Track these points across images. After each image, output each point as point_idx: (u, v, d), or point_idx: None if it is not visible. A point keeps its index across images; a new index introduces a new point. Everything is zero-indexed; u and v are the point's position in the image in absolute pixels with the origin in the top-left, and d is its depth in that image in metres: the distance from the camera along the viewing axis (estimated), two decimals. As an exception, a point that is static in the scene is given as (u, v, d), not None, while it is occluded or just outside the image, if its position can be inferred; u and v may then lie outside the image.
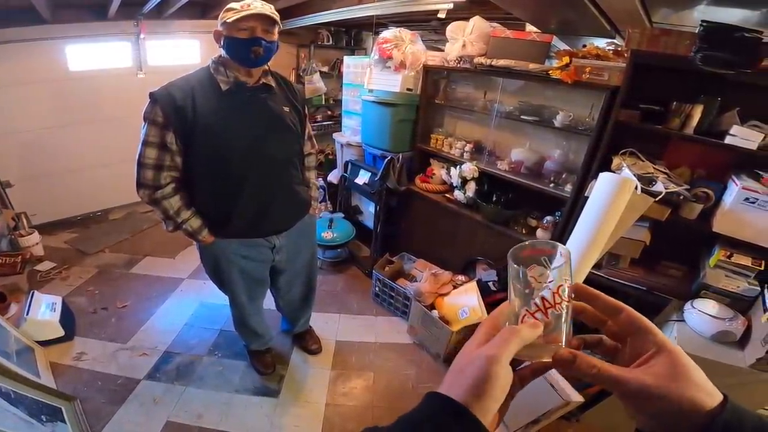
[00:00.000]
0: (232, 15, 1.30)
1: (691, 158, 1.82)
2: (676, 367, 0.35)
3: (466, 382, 0.36)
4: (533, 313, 0.39)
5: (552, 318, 0.39)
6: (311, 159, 1.82)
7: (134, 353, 2.21)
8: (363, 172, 2.96)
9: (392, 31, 2.63)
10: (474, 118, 2.65)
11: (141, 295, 2.70)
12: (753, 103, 1.61)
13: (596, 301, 0.43)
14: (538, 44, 2.14)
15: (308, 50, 4.43)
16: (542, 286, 0.39)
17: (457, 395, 0.35)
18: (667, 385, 0.34)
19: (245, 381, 2.11)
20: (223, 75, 1.40)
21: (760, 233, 1.55)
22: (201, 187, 1.51)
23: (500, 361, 0.36)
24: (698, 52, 1.44)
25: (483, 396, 0.35)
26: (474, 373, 0.36)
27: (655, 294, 1.85)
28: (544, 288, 0.39)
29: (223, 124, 1.40)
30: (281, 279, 1.93)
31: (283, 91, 1.57)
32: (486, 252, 2.48)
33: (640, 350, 0.38)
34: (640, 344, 0.38)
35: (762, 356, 1.39)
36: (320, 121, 4.63)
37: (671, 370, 0.35)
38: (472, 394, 0.35)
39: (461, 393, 0.35)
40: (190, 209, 1.51)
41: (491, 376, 0.35)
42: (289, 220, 1.71)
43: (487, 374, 0.35)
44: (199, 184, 1.50)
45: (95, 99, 3.42)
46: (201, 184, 1.50)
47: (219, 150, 1.42)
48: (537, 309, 0.39)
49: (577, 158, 2.08)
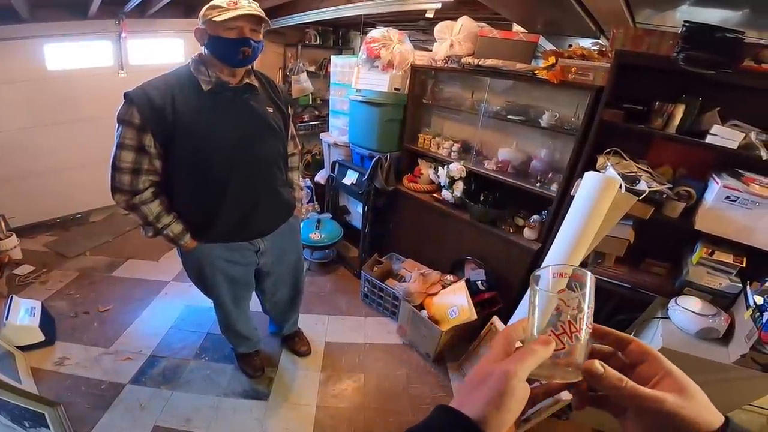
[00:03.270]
0: (218, 13, 1.25)
1: (673, 157, 1.84)
2: (685, 390, 0.37)
3: (484, 395, 0.37)
4: (558, 335, 0.40)
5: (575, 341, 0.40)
6: (294, 159, 1.79)
7: (118, 357, 2.17)
8: (350, 172, 2.94)
9: (380, 30, 2.62)
10: (461, 117, 2.65)
11: (124, 298, 2.65)
12: (733, 102, 1.64)
13: (608, 336, 0.45)
14: (525, 44, 2.15)
15: (295, 50, 4.40)
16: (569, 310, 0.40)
17: (474, 408, 0.36)
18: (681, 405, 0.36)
19: (234, 384, 2.08)
20: (205, 75, 1.35)
21: (741, 231, 1.57)
22: (182, 191, 1.46)
23: (518, 375, 0.37)
24: (681, 52, 1.46)
25: (501, 409, 0.35)
26: (492, 386, 0.37)
27: (639, 291, 1.88)
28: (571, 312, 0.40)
29: (205, 126, 1.35)
30: (267, 282, 1.90)
31: (266, 90, 1.54)
32: (474, 251, 2.48)
33: (647, 376, 0.40)
34: (647, 371, 0.41)
35: (745, 353, 1.40)
36: (307, 121, 4.60)
37: (681, 392, 0.37)
38: (490, 406, 0.36)
39: (478, 406, 0.36)
40: (170, 214, 1.47)
41: (509, 389, 0.36)
42: (274, 222, 1.69)
43: (505, 388, 0.36)
44: (180, 188, 1.46)
45: (75, 99, 3.34)
46: (182, 188, 1.46)
47: (201, 152, 1.38)
48: (563, 332, 0.40)
49: (563, 158, 2.10)
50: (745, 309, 1.49)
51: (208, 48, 1.34)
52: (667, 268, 1.94)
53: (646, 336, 1.73)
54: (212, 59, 1.35)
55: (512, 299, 2.11)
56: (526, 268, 2.21)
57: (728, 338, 1.55)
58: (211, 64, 1.36)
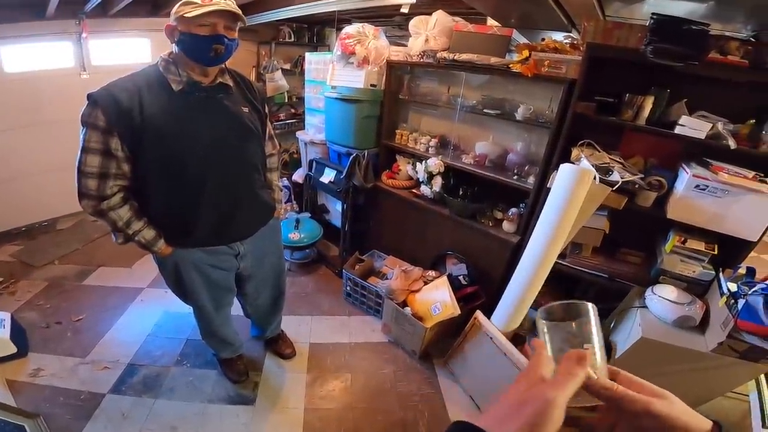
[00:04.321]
0: (191, 9, 1.19)
1: (644, 148, 1.88)
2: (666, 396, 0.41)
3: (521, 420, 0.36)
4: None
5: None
6: (273, 160, 1.74)
7: (95, 367, 2.11)
8: (328, 170, 2.91)
9: (355, 26, 2.59)
10: (438, 112, 2.65)
11: (97, 307, 2.56)
12: (700, 94, 1.68)
13: None
14: (499, 38, 2.16)
15: (269, 47, 4.31)
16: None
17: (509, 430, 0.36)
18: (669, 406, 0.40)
19: (218, 390, 2.04)
20: (175, 74, 1.29)
21: (711, 219, 1.61)
22: (155, 196, 1.40)
23: (560, 405, 0.37)
24: (649, 44, 1.49)
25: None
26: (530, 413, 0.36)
27: (617, 281, 1.91)
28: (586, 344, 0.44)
29: (177, 128, 1.30)
30: (248, 286, 1.85)
31: (241, 90, 1.48)
32: (455, 246, 2.49)
33: None
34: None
35: (722, 340, 1.43)
36: (284, 119, 4.53)
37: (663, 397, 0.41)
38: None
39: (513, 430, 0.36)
40: (141, 219, 1.41)
41: (548, 419, 0.36)
42: (253, 225, 1.64)
43: (546, 418, 0.36)
44: (153, 193, 1.40)
45: (35, 101, 3.19)
46: (154, 192, 1.40)
47: (173, 155, 1.32)
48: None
49: (539, 150, 2.12)
50: (719, 296, 1.53)
51: (179, 46, 1.27)
52: (642, 257, 1.99)
53: (626, 326, 1.76)
54: (183, 58, 1.29)
55: (494, 293, 2.12)
56: (506, 261, 2.23)
57: (704, 326, 1.59)
58: (183, 63, 1.30)
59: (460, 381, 2.20)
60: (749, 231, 1.58)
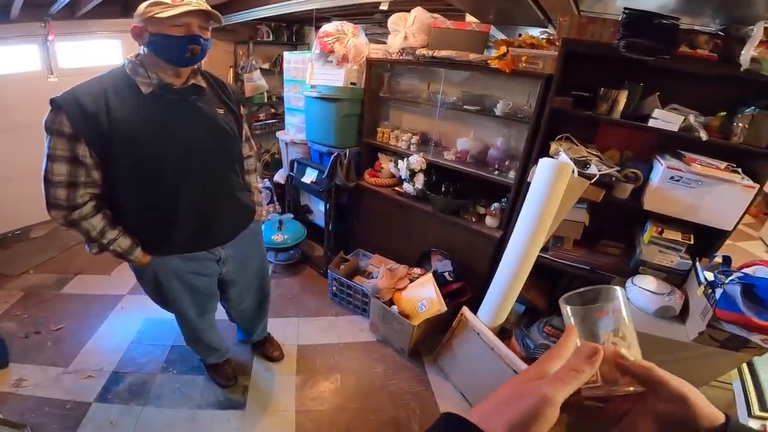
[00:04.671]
0: (163, 10, 1.15)
1: (619, 141, 1.92)
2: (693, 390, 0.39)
3: (512, 415, 0.34)
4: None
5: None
6: (251, 162, 1.71)
7: (79, 376, 2.06)
8: (310, 170, 2.88)
9: (333, 24, 2.56)
10: (419, 109, 2.65)
11: (77, 315, 2.50)
12: (672, 87, 1.72)
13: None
14: (477, 34, 2.17)
15: (247, 47, 4.24)
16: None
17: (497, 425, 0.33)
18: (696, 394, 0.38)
19: (207, 395, 2.01)
20: (144, 76, 1.25)
21: (686, 209, 1.65)
22: (129, 203, 1.36)
23: (555, 404, 0.34)
24: (622, 39, 1.51)
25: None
26: (522, 408, 0.34)
27: (598, 273, 1.94)
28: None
29: (150, 132, 1.25)
30: (232, 291, 1.82)
31: (215, 91, 1.44)
32: (439, 242, 2.50)
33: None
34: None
35: (703, 330, 1.44)
36: (264, 119, 4.46)
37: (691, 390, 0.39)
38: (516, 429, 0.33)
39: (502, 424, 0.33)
40: (116, 228, 1.36)
41: (542, 417, 0.34)
42: (234, 229, 1.61)
43: (539, 414, 0.34)
44: (127, 199, 1.35)
45: (3, 106, 3.07)
46: (129, 199, 1.35)
47: (147, 160, 1.28)
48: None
49: (519, 145, 2.14)
50: (697, 285, 1.56)
51: (151, 47, 1.22)
52: (621, 248, 2.03)
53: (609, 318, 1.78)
54: (154, 59, 1.24)
55: (480, 288, 2.13)
56: (490, 256, 2.25)
57: (685, 316, 1.61)
58: (153, 65, 1.25)
59: (450, 377, 2.21)
60: (723, 220, 1.62)
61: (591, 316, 0.42)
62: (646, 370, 0.39)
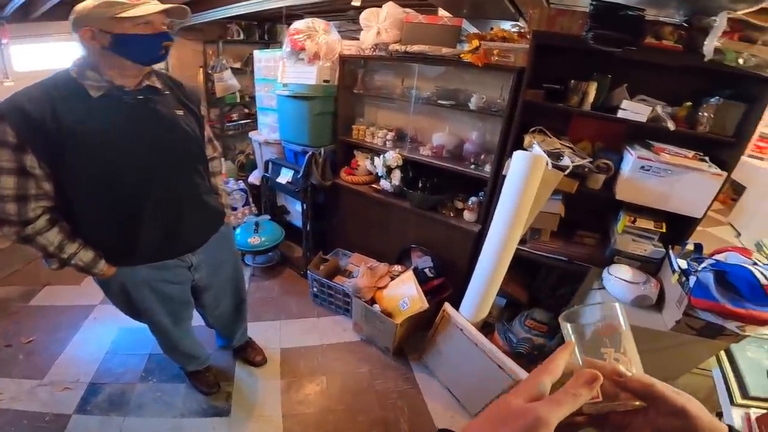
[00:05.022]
0: (123, 10, 1.10)
1: (591, 132, 1.94)
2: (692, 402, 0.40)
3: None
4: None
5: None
6: (216, 164, 1.65)
7: (55, 388, 2.00)
8: (285, 170, 2.83)
9: (304, 21, 2.51)
10: (394, 105, 2.63)
11: (48, 327, 2.41)
12: (639, 78, 1.74)
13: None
14: (450, 28, 2.15)
15: (216, 46, 4.13)
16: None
17: None
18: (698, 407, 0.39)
19: (190, 403, 1.97)
20: (93, 80, 1.18)
21: (657, 198, 1.68)
22: (88, 213, 1.29)
23: (550, 425, 0.34)
24: (590, 31, 1.52)
25: None
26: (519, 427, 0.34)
27: (575, 263, 1.96)
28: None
29: (103, 137, 1.19)
30: (206, 297, 1.77)
31: (173, 92, 1.38)
32: (419, 239, 2.49)
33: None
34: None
35: (679, 318, 1.46)
36: (237, 119, 4.36)
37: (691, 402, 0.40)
38: None
39: None
40: (75, 241, 1.29)
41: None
42: (203, 234, 1.56)
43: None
44: (85, 210, 1.28)
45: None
46: (87, 210, 1.28)
47: (103, 167, 1.21)
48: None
49: (494, 139, 2.14)
50: (671, 274, 1.57)
51: (115, 48, 1.15)
52: (597, 238, 2.06)
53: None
54: (116, 60, 1.18)
55: (461, 283, 2.13)
56: (469, 250, 2.25)
57: (661, 305, 1.63)
58: (110, 67, 1.19)
59: (436, 374, 2.21)
60: (693, 208, 1.66)
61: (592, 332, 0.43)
62: (646, 387, 0.39)
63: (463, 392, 2.06)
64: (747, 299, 1.30)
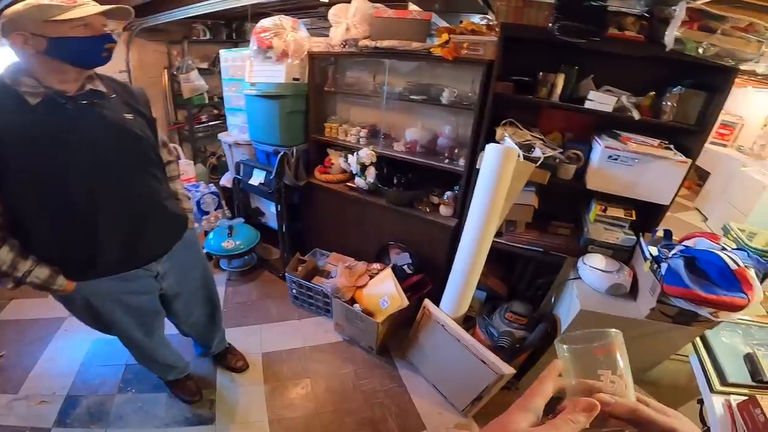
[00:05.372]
0: (60, 12, 1.04)
1: (560, 123, 1.96)
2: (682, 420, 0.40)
3: None
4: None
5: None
6: (173, 167, 1.59)
7: (31, 402, 1.95)
8: (257, 171, 2.76)
9: (271, 19, 2.44)
10: (366, 102, 2.60)
11: (17, 342, 2.32)
12: (605, 69, 1.77)
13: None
14: (419, 22, 2.13)
15: (181, 47, 3.99)
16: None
17: None
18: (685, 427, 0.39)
19: (173, 413, 1.93)
20: (30, 86, 1.10)
21: (625, 186, 1.71)
22: (39, 228, 1.22)
23: None
24: (555, 22, 1.53)
25: None
26: None
27: (551, 254, 1.98)
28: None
29: (45, 147, 1.12)
30: (177, 305, 1.71)
31: (119, 96, 1.31)
32: (396, 235, 2.47)
33: None
34: None
35: (654, 306, 1.47)
36: (206, 121, 4.23)
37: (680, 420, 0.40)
38: None
39: None
40: (29, 258, 1.22)
41: None
42: (166, 241, 1.50)
43: None
44: (36, 225, 1.21)
45: None
46: (36, 225, 1.21)
47: (48, 179, 1.15)
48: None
49: (466, 132, 2.13)
50: (643, 261, 1.60)
51: (53, 53, 1.09)
52: (571, 228, 2.08)
53: (565, 299, 1.82)
54: (55, 65, 1.11)
55: (440, 278, 2.13)
56: (447, 245, 2.25)
57: (635, 293, 1.65)
58: (44, 71, 1.12)
59: (421, 371, 2.21)
60: (660, 195, 1.69)
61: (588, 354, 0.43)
62: (631, 412, 0.40)
63: (449, 388, 2.07)
64: (717, 285, 1.32)
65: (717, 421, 1.27)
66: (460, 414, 2.00)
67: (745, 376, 1.39)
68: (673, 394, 1.95)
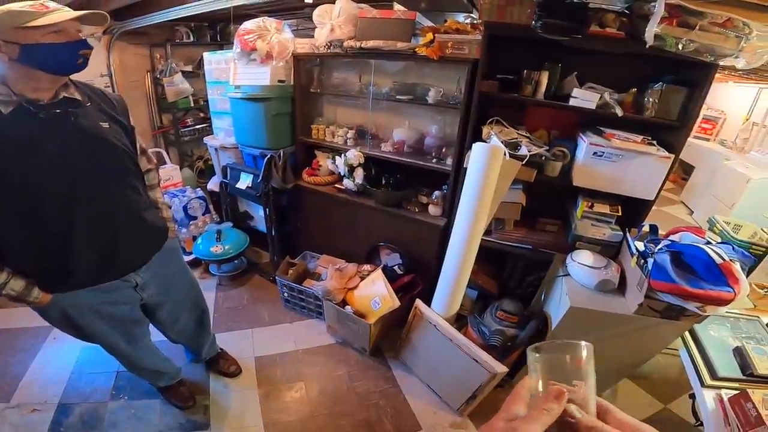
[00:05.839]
0: (33, 18, 1.01)
1: (546, 121, 1.98)
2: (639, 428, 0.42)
3: None
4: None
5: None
6: (152, 176, 1.56)
7: (24, 410, 1.94)
8: (244, 175, 2.73)
9: (254, 21, 2.42)
10: (353, 103, 2.59)
11: (5, 351, 2.29)
12: (588, 66, 1.78)
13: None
14: (404, 22, 2.13)
15: (164, 50, 3.93)
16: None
17: None
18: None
19: (167, 419, 1.92)
20: (2, 95, 1.08)
21: (610, 182, 1.73)
22: (11, 240, 1.19)
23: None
24: (538, 20, 1.53)
25: None
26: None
27: (540, 251, 1.99)
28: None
29: (16, 156, 1.09)
30: (161, 313, 1.69)
31: (95, 104, 1.28)
32: (386, 236, 2.47)
33: None
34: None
35: (642, 301, 1.46)
36: (192, 124, 4.18)
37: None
38: None
39: None
40: (3, 270, 1.20)
41: None
42: (145, 252, 1.47)
43: None
44: (7, 236, 1.18)
45: None
46: (9, 236, 1.19)
47: (21, 189, 1.12)
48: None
49: (453, 131, 2.14)
50: (630, 256, 1.60)
51: (25, 60, 1.06)
52: (559, 225, 2.10)
53: (555, 296, 1.82)
54: (29, 72, 1.09)
55: (431, 278, 2.13)
56: (436, 244, 2.25)
57: (623, 288, 1.65)
58: (17, 79, 1.09)
59: (415, 371, 2.21)
60: (645, 190, 1.71)
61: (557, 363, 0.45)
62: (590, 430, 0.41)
63: (443, 388, 2.07)
64: (704, 279, 1.32)
65: (710, 416, 1.28)
66: (455, 413, 2.01)
67: (735, 369, 1.39)
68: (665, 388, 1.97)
